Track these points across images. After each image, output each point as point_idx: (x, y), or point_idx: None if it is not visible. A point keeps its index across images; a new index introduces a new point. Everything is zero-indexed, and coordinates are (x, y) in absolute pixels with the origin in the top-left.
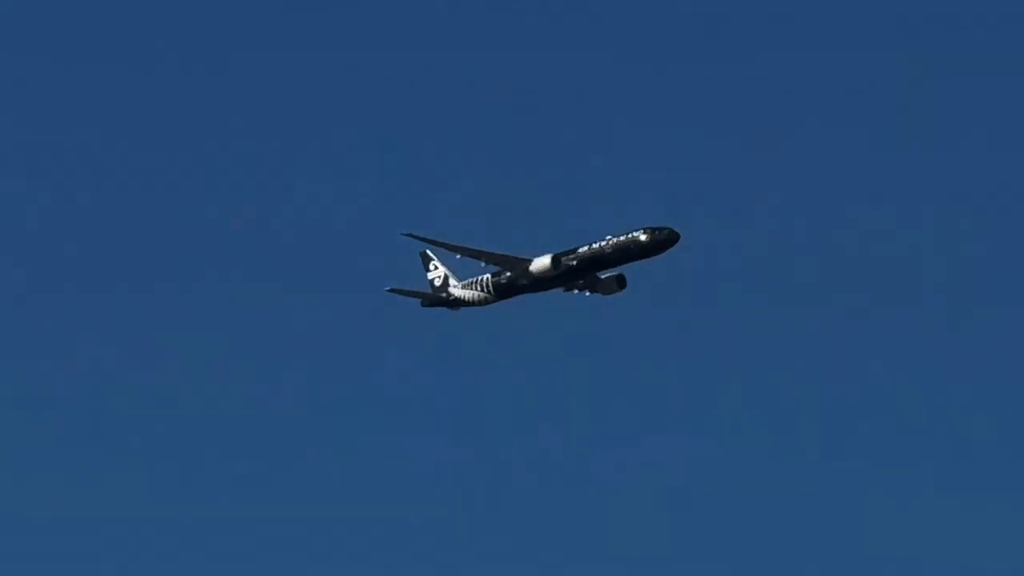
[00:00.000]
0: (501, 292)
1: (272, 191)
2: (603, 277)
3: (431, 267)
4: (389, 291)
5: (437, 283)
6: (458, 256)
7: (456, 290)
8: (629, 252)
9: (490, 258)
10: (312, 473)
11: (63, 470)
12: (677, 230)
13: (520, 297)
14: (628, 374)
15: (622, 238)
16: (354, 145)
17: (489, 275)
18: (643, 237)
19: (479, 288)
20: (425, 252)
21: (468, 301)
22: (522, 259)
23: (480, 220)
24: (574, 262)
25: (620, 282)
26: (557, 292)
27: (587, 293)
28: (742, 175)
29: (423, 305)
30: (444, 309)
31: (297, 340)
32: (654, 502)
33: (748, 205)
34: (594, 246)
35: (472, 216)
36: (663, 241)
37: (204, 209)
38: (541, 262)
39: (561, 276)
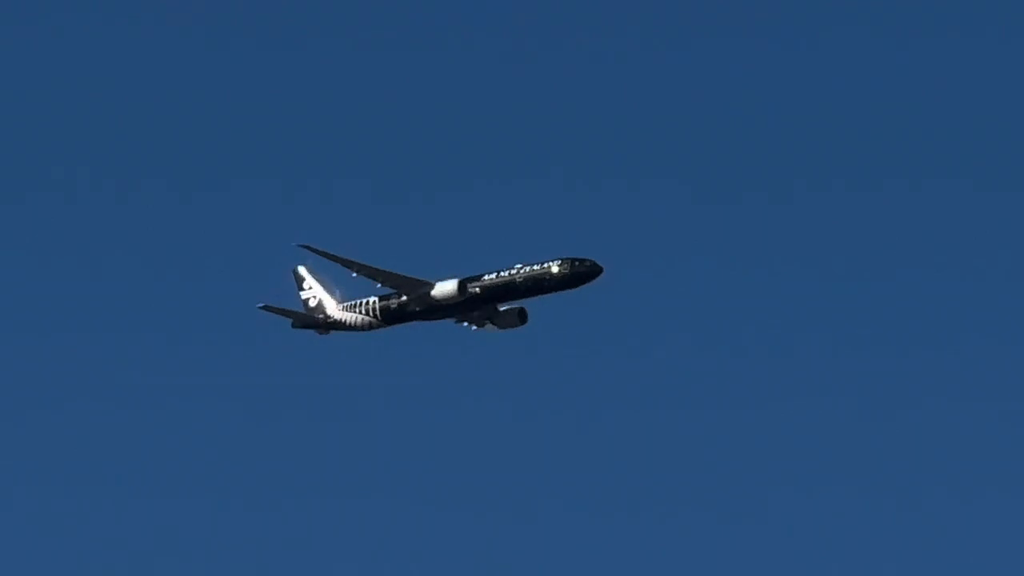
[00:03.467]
0: (389, 317)
1: (168, 192)
2: (503, 309)
3: (304, 286)
4: (261, 308)
5: (312, 304)
6: (354, 274)
7: (336, 312)
8: (542, 284)
9: (389, 278)
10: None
11: None
12: (600, 264)
13: (408, 324)
14: (516, 417)
15: (536, 268)
16: (255, 152)
17: (376, 298)
18: (559, 269)
19: (363, 311)
20: (297, 270)
21: (349, 325)
22: (424, 282)
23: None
24: (480, 290)
25: (521, 316)
26: (448, 322)
27: (474, 327)
28: (679, 216)
29: (294, 326)
30: (314, 331)
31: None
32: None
33: (682, 245)
34: (504, 274)
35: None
36: (583, 274)
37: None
38: (445, 287)
39: (462, 304)
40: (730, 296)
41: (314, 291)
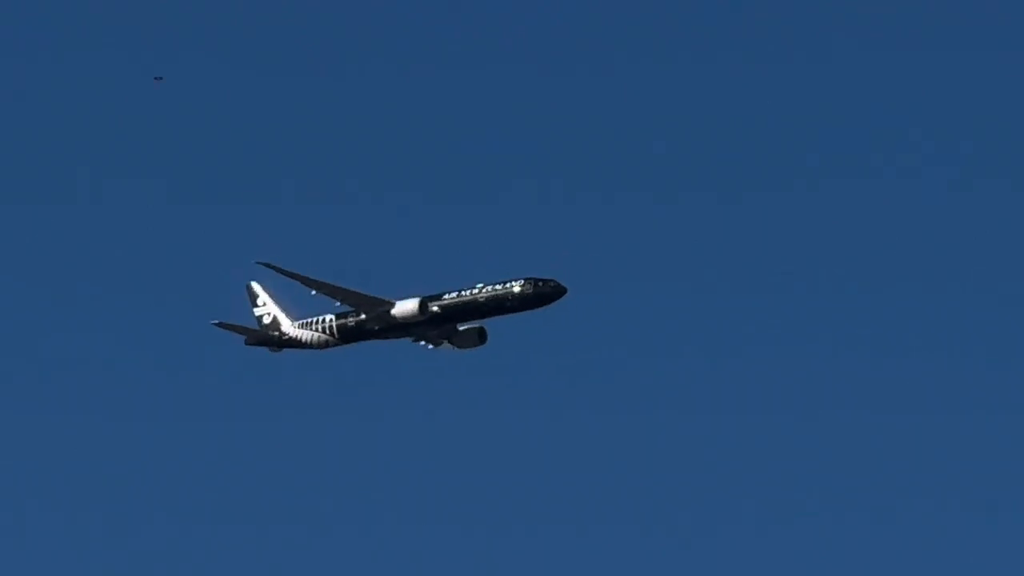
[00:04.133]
0: (346, 335)
1: (128, 207)
2: (462, 329)
3: (258, 303)
4: (216, 325)
5: (266, 320)
6: (313, 292)
7: (291, 330)
8: (504, 304)
9: (349, 297)
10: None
11: None
12: (564, 284)
13: (365, 343)
14: (471, 437)
15: (499, 287)
16: (216, 167)
17: (332, 316)
18: (522, 288)
19: (320, 329)
20: (251, 286)
21: (305, 343)
22: (384, 301)
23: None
24: (440, 309)
25: (481, 336)
26: (405, 341)
27: (430, 346)
28: (645, 236)
29: (247, 343)
30: (266, 349)
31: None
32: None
33: (646, 265)
34: (465, 293)
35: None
36: (546, 295)
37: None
38: (406, 306)
39: (422, 323)
40: (695, 318)
41: (268, 308)
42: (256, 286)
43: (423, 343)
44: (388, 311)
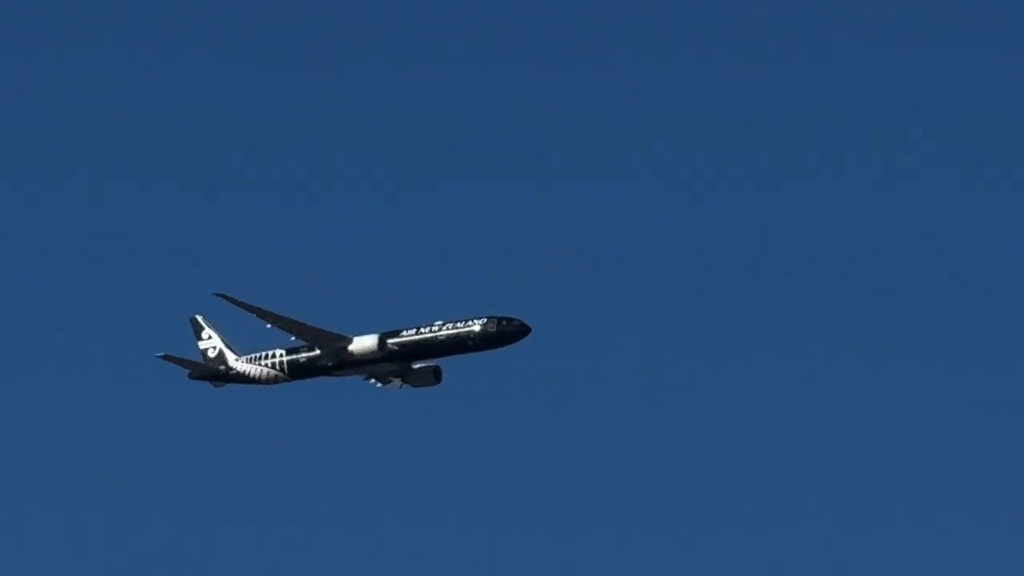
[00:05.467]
0: (297, 371)
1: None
2: (417, 367)
3: (203, 336)
4: (161, 357)
5: (211, 354)
6: (268, 325)
7: (238, 364)
8: (465, 343)
9: (305, 331)
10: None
11: None
12: (528, 323)
13: (314, 379)
14: (429, 479)
15: (460, 326)
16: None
17: (283, 351)
18: (484, 327)
19: (269, 364)
20: (196, 319)
21: (253, 378)
22: (341, 336)
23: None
24: (398, 347)
25: (436, 374)
26: (356, 378)
27: (379, 384)
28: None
29: (191, 377)
30: (209, 383)
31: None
32: None
33: (611, 302)
34: (425, 331)
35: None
36: (510, 334)
37: None
38: (364, 342)
39: (378, 360)
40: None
41: (213, 341)
42: (200, 318)
43: (372, 381)
44: (345, 347)
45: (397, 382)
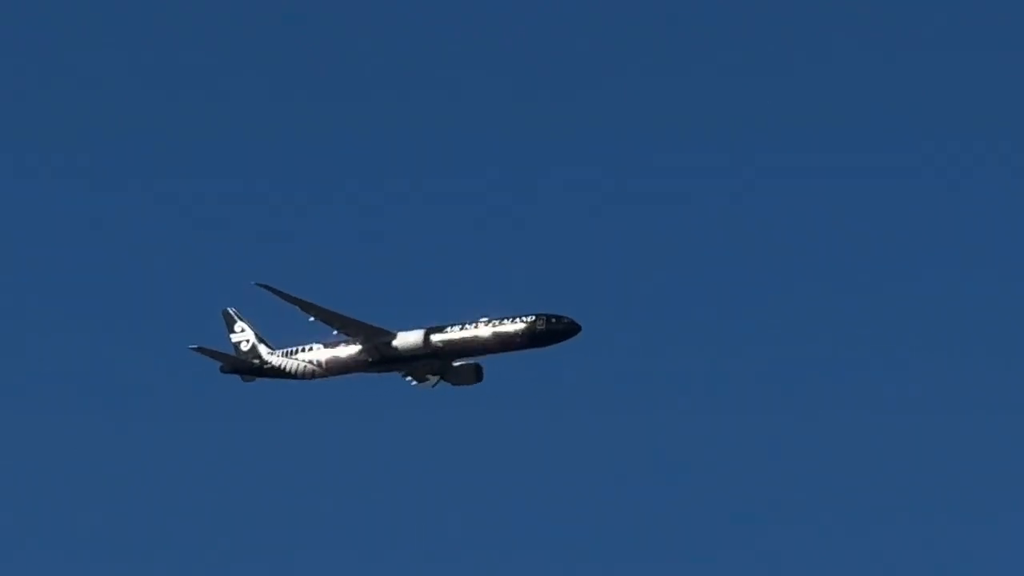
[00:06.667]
0: (335, 366)
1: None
2: (457, 364)
3: (236, 328)
4: (194, 349)
5: (244, 347)
6: (311, 318)
7: (272, 358)
8: (512, 340)
9: (348, 325)
10: None
11: None
12: (578, 322)
13: (352, 376)
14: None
15: (507, 322)
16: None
17: (321, 345)
18: (533, 325)
19: (305, 359)
20: (228, 311)
21: (289, 372)
22: (385, 331)
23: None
24: (443, 344)
25: (477, 372)
26: (395, 375)
27: (414, 382)
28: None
29: (223, 371)
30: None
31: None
32: None
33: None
34: (470, 327)
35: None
36: (558, 332)
37: None
38: (409, 338)
39: (420, 357)
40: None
41: (247, 334)
42: (233, 311)
43: (408, 378)
44: (388, 342)
45: (433, 379)
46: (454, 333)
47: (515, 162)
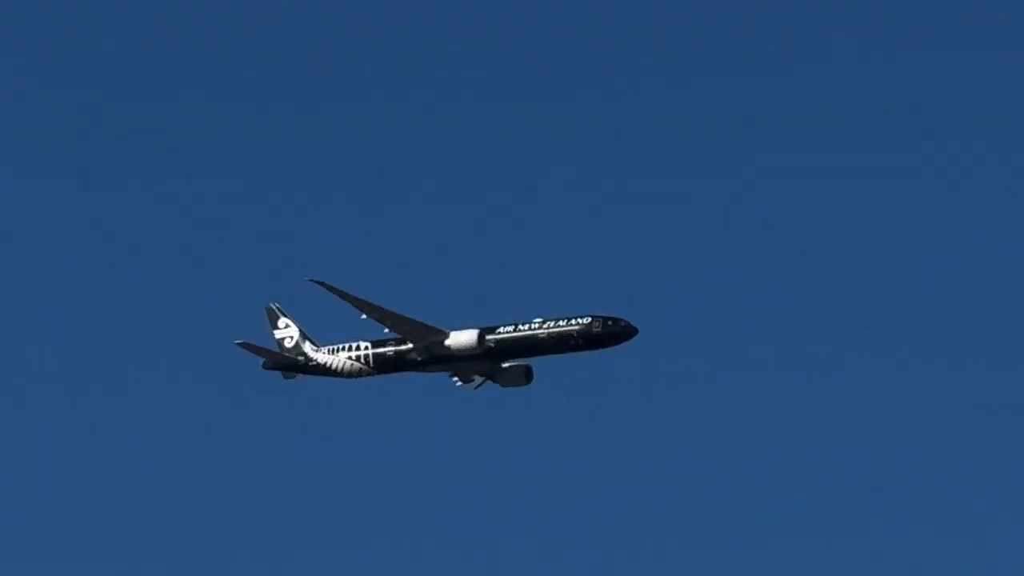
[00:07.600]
0: (382, 365)
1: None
2: (506, 365)
3: (280, 324)
4: (239, 345)
5: (288, 344)
6: (363, 316)
7: (318, 355)
8: (567, 342)
9: (401, 323)
10: None
11: None
12: (635, 324)
13: (399, 375)
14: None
15: (563, 324)
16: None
17: (368, 343)
18: (590, 327)
19: (353, 357)
20: (271, 307)
21: (335, 370)
22: (438, 330)
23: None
24: (496, 344)
25: (527, 374)
26: (442, 375)
27: (459, 382)
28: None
29: (265, 367)
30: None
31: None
32: None
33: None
34: (524, 328)
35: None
36: (616, 335)
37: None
38: (462, 337)
39: (470, 358)
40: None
41: (291, 330)
42: (276, 307)
43: (454, 378)
44: (441, 342)
45: (478, 380)
46: (507, 333)
47: (515, 162)
